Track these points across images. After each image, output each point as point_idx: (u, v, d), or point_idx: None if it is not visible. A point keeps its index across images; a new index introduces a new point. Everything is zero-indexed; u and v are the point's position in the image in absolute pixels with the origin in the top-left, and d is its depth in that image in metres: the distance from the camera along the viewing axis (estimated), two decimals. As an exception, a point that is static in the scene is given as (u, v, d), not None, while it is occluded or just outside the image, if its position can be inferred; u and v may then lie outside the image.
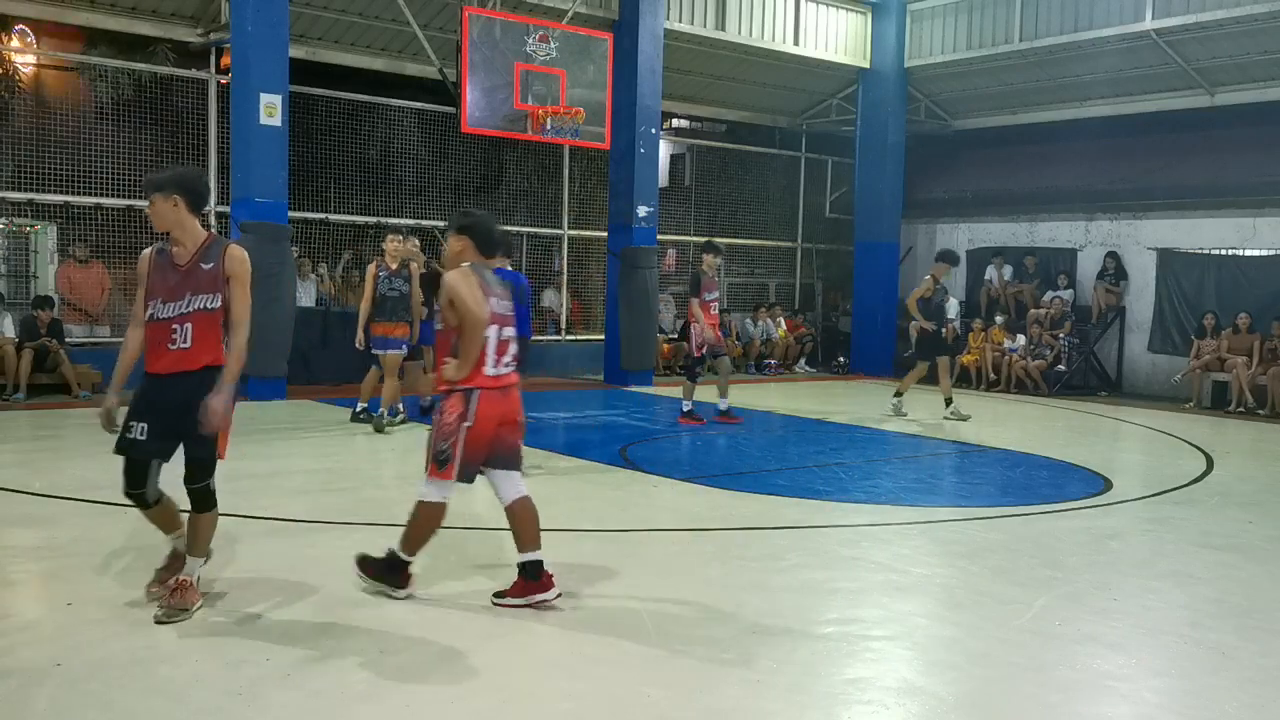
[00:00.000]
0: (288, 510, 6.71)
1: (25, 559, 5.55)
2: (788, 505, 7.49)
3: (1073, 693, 4.18)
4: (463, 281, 4.79)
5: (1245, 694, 4.19)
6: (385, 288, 9.95)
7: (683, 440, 10.72)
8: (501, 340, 4.90)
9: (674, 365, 17.03)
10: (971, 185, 19.10)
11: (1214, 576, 5.92)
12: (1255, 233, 15.38)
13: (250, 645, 4.33)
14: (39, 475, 7.64)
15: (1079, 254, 17.33)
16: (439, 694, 3.95)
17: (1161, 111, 16.49)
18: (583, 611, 4.93)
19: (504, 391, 4.95)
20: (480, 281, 4.86)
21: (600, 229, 16.95)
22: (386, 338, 9.95)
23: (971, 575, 5.79)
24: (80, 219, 13.18)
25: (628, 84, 14.97)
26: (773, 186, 20.13)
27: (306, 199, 14.61)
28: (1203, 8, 14.67)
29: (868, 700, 4.06)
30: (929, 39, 17.99)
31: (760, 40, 16.92)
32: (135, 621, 4.58)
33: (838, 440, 10.91)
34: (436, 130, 15.90)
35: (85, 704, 3.74)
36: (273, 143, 12.14)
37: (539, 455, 9.30)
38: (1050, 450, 10.28)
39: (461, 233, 5.04)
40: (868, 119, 18.39)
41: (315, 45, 14.53)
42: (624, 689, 4.04)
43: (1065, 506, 7.72)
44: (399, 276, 10.02)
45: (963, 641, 4.72)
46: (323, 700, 3.85)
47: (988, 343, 16.46)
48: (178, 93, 13.79)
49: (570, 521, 6.73)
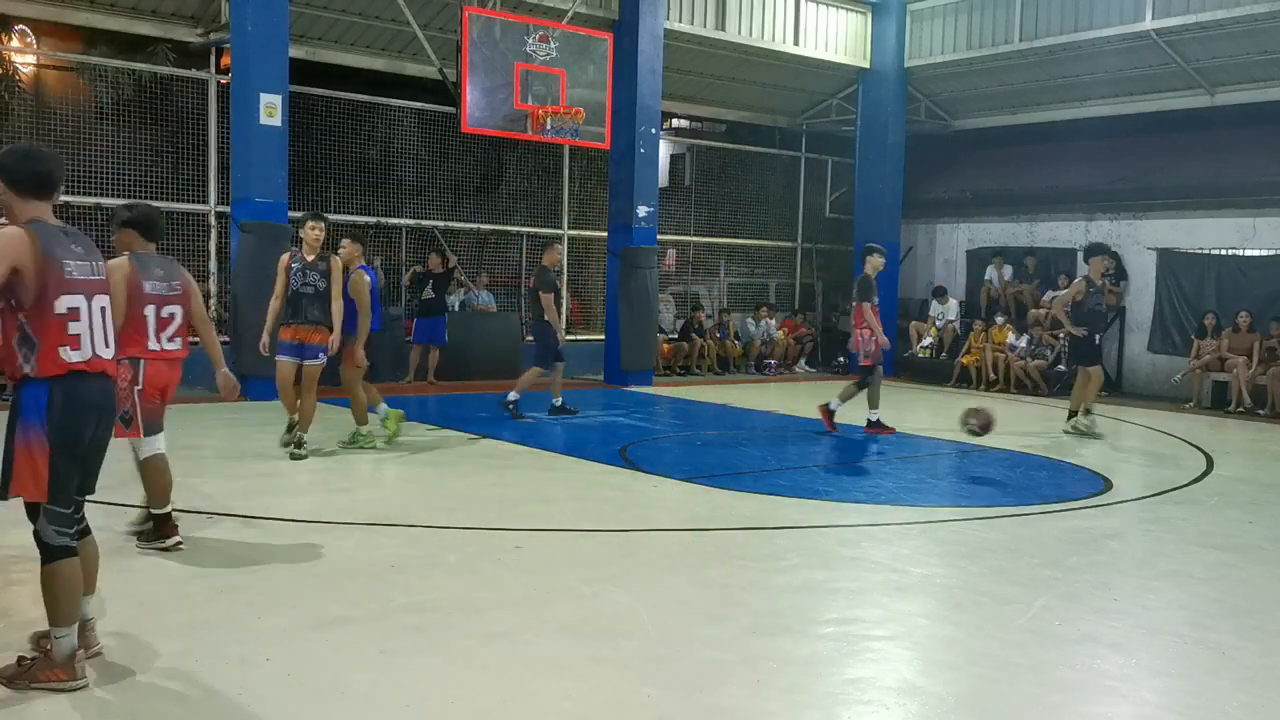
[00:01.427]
0: (288, 510, 6.71)
1: (25, 559, 5.53)
2: (788, 505, 7.48)
3: (1073, 693, 4.18)
4: (116, 269, 5.27)
5: (1245, 694, 4.19)
6: (299, 282, 8.32)
7: (682, 441, 10.72)
8: (162, 317, 5.55)
9: (674, 365, 17.05)
10: (971, 185, 19.10)
11: (1214, 576, 5.92)
12: (1255, 233, 15.37)
13: (250, 645, 4.33)
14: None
15: (1079, 254, 17.31)
16: (439, 694, 3.95)
17: (1161, 111, 16.49)
18: (583, 611, 4.93)
19: (170, 363, 5.65)
20: (136, 267, 5.45)
21: (600, 229, 16.95)
22: (302, 344, 8.33)
23: (971, 575, 5.79)
24: (80, 219, 13.16)
25: (628, 84, 14.97)
26: (773, 186, 20.13)
27: (306, 199, 14.60)
28: (1203, 8, 14.67)
29: (868, 700, 4.06)
30: (929, 39, 17.99)
31: (760, 40, 16.92)
32: (135, 621, 4.58)
33: (837, 440, 10.90)
34: (436, 130, 15.90)
35: (85, 704, 3.74)
36: (273, 143, 12.15)
37: (539, 455, 9.32)
38: (1050, 450, 10.27)
39: (125, 225, 5.54)
40: (868, 119, 18.39)
41: (315, 45, 14.53)
42: (624, 689, 4.04)
43: (1065, 506, 7.72)
44: (315, 270, 8.33)
45: (963, 641, 4.72)
46: (323, 700, 3.85)
47: (988, 343, 16.46)
48: (178, 93, 13.78)
49: (570, 521, 6.73)
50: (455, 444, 9.69)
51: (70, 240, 3.92)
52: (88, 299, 3.89)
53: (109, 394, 4.06)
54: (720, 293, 19.92)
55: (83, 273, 3.90)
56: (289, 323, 8.32)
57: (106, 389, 4.03)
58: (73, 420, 3.86)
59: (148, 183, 13.29)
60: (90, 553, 4.25)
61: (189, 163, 13.65)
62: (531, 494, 7.62)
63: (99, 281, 3.98)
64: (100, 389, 3.98)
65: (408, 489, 7.71)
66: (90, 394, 3.91)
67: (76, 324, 3.84)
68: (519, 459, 9.12)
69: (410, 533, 6.28)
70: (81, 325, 3.86)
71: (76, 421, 3.88)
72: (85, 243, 4.00)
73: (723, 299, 19.73)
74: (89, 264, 3.95)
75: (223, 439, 9.77)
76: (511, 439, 9.97)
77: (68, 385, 3.84)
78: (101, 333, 3.95)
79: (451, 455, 9.10)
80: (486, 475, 8.22)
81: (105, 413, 4.03)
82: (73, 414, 3.86)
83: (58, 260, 3.80)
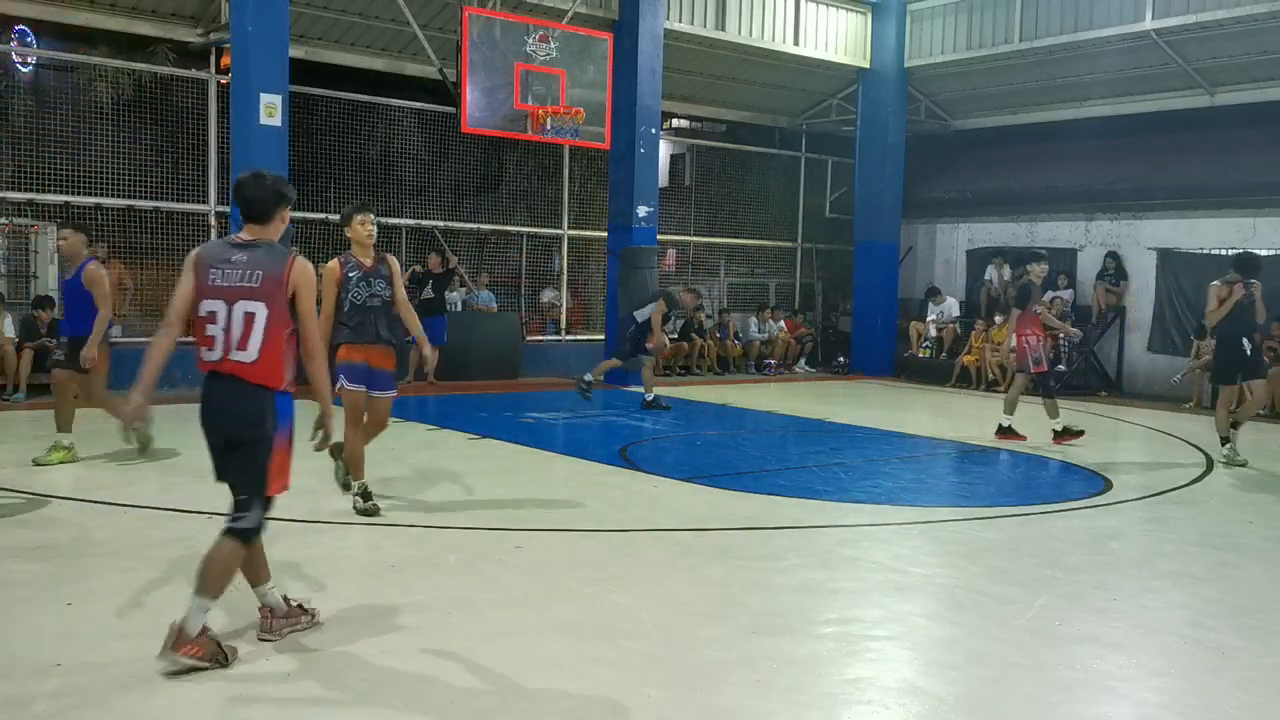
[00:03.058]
0: (288, 510, 6.70)
1: (25, 559, 5.55)
2: (788, 505, 7.48)
3: (1073, 693, 4.18)
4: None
5: (1245, 694, 4.19)
6: (362, 293, 6.67)
7: (682, 440, 10.72)
8: None
9: (674, 365, 17.05)
10: (971, 185, 19.10)
11: (1214, 576, 5.92)
12: (1255, 233, 15.37)
13: (250, 645, 4.33)
14: (39, 475, 7.64)
15: (1079, 254, 17.34)
16: (439, 694, 3.95)
17: (1161, 111, 16.49)
18: (583, 611, 4.93)
19: None
20: None
21: (600, 229, 16.95)
22: (371, 369, 6.73)
23: (971, 575, 5.79)
24: (80, 219, 13.16)
25: (628, 84, 14.98)
26: (773, 186, 20.14)
27: (306, 199, 14.59)
28: (1203, 8, 14.67)
29: (868, 700, 4.06)
30: (929, 39, 17.99)
31: (760, 40, 16.92)
32: (135, 622, 4.58)
33: (837, 440, 10.91)
34: (436, 130, 15.90)
35: (85, 704, 3.75)
36: (273, 143, 12.14)
37: (539, 455, 9.32)
38: (1050, 450, 10.27)
39: None
40: (868, 119, 18.39)
41: (315, 45, 14.53)
42: (624, 689, 4.04)
43: (1065, 506, 7.72)
44: (377, 276, 6.70)
45: (963, 641, 4.72)
46: (323, 700, 3.86)
47: (988, 343, 16.46)
48: (178, 93, 13.78)
49: (570, 521, 6.73)
50: (455, 444, 9.70)
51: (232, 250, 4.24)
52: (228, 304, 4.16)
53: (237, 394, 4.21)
54: (720, 293, 19.92)
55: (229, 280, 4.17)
56: (353, 341, 6.68)
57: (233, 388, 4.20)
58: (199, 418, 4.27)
59: (148, 183, 13.30)
60: None
61: (189, 163, 13.65)
62: (531, 494, 7.62)
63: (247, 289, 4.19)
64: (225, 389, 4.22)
65: (408, 489, 7.70)
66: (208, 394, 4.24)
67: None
68: (519, 459, 9.12)
69: (410, 533, 6.28)
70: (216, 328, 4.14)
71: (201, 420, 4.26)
72: (254, 254, 4.21)
73: (723, 299, 19.73)
74: (236, 270, 4.18)
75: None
76: (511, 439, 9.96)
77: None
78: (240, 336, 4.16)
79: (451, 455, 9.10)
80: (486, 475, 8.22)
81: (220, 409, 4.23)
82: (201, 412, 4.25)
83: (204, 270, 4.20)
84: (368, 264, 6.70)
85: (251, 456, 4.19)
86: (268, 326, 4.15)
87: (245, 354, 4.13)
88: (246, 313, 4.12)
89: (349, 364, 6.67)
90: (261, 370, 4.15)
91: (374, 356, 6.68)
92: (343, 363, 6.65)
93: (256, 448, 4.18)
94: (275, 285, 4.16)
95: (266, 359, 4.15)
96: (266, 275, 4.18)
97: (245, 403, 4.16)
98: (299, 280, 4.23)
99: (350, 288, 6.62)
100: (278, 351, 4.16)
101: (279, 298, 4.17)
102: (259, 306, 4.14)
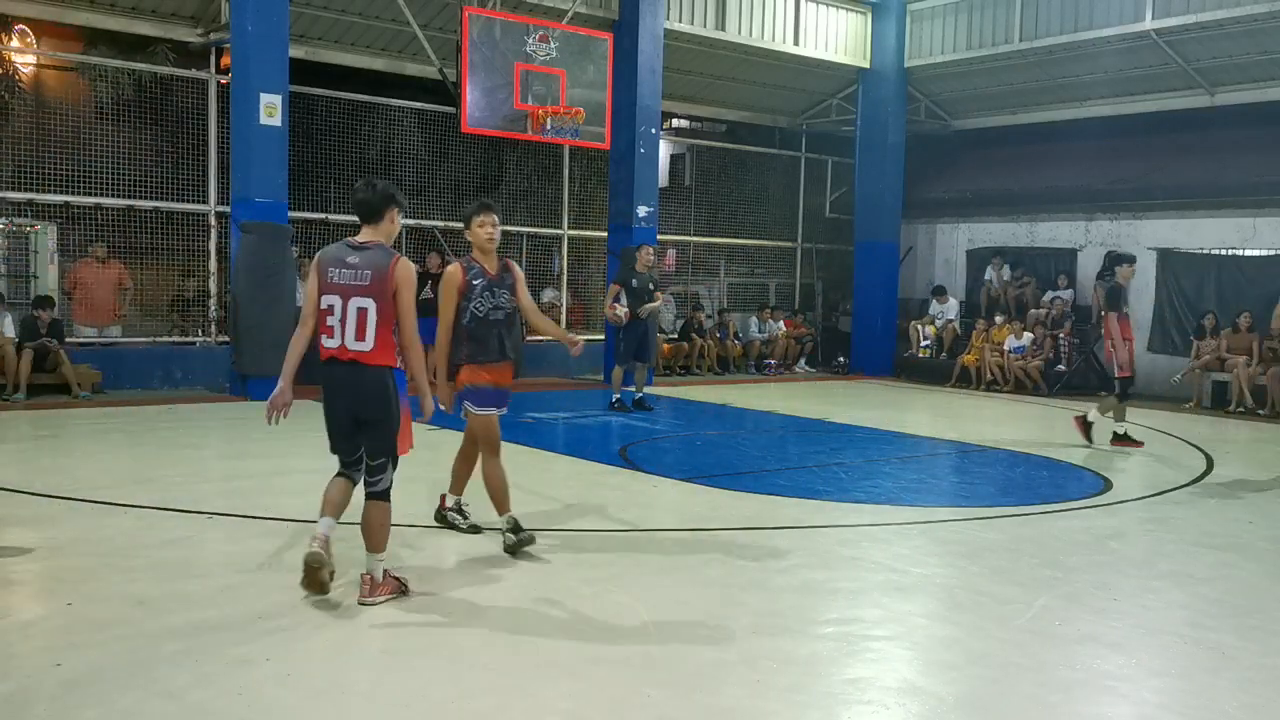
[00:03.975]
0: (288, 510, 6.71)
1: (25, 559, 5.55)
2: (788, 505, 7.48)
3: (1073, 693, 4.18)
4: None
5: (1245, 694, 4.19)
6: (487, 304, 5.91)
7: (682, 440, 10.72)
8: None
9: (674, 365, 17.05)
10: (971, 185, 19.10)
11: (1214, 576, 5.92)
12: (1255, 233, 15.37)
13: (250, 645, 4.33)
14: (39, 475, 7.64)
15: (1079, 254, 17.33)
16: (439, 694, 3.95)
17: (1161, 111, 16.49)
18: (583, 611, 4.93)
19: None
20: None
21: (600, 229, 16.95)
22: (498, 389, 6.05)
23: (971, 575, 5.79)
24: (80, 219, 13.18)
25: (628, 84, 14.98)
26: (773, 186, 20.14)
27: (306, 199, 14.60)
28: (1203, 8, 14.67)
29: (868, 700, 4.06)
30: (929, 39, 17.99)
31: (760, 40, 16.92)
32: (135, 621, 4.58)
33: (837, 440, 10.91)
34: (436, 130, 15.90)
35: (85, 704, 3.74)
36: (273, 143, 12.15)
37: (539, 455, 9.31)
38: (1050, 450, 10.28)
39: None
40: (868, 119, 18.39)
41: (315, 45, 14.53)
42: (624, 689, 4.04)
43: (1065, 506, 7.72)
44: (503, 286, 5.98)
45: (963, 641, 4.72)
46: (323, 700, 3.85)
47: (987, 343, 16.47)
48: (178, 93, 13.78)
49: (570, 521, 6.74)
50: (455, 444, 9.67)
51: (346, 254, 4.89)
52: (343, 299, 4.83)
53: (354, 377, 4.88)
54: (720, 293, 19.92)
55: (344, 279, 4.84)
56: (476, 361, 5.91)
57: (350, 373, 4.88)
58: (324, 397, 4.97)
59: (148, 183, 13.30)
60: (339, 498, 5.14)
61: (189, 163, 13.64)
62: (531, 494, 7.61)
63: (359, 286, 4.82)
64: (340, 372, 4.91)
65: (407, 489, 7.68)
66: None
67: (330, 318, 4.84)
68: (519, 459, 9.10)
69: (409, 533, 6.28)
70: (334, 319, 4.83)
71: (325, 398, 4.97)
72: (365, 255, 4.87)
73: (723, 299, 19.73)
74: (351, 271, 4.84)
75: (223, 439, 9.78)
76: (511, 439, 9.93)
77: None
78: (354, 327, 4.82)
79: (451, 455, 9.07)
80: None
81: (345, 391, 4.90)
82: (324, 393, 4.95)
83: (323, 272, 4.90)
84: (492, 271, 5.95)
85: (381, 429, 4.92)
86: (378, 319, 4.80)
87: (363, 344, 4.80)
88: (359, 308, 4.78)
89: (476, 387, 5.94)
90: (378, 355, 4.83)
91: (500, 375, 6.03)
92: (468, 386, 5.95)
93: (385, 422, 4.91)
94: (382, 283, 4.79)
95: (381, 346, 4.83)
96: (374, 274, 4.79)
97: (370, 386, 4.85)
98: (400, 279, 4.83)
99: (474, 297, 5.89)
100: (389, 339, 4.84)
101: (386, 294, 4.79)
102: (369, 302, 4.78)
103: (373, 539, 4.95)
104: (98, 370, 12.26)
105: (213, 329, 13.67)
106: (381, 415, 4.89)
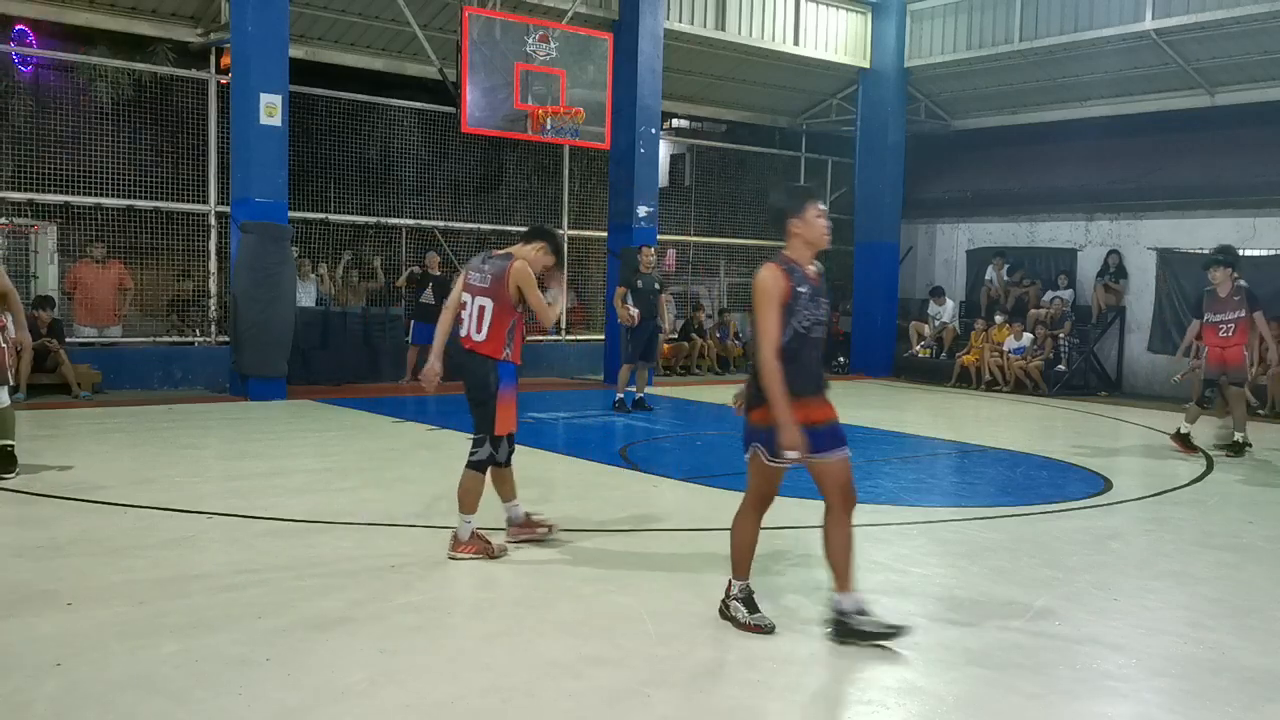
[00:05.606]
0: (288, 510, 6.71)
1: (25, 559, 5.55)
2: (788, 505, 7.42)
3: (1073, 693, 4.18)
4: None
5: (1245, 694, 4.19)
6: (809, 319, 4.73)
7: (682, 440, 10.71)
8: None
9: (674, 365, 17.05)
10: (971, 185, 19.10)
11: (1214, 576, 5.92)
12: (1255, 233, 15.37)
13: (250, 645, 4.33)
14: (39, 475, 7.64)
15: (1079, 254, 17.33)
16: (439, 694, 3.95)
17: (1161, 111, 16.50)
18: (583, 611, 4.93)
19: None
20: None
21: (600, 229, 16.95)
22: (814, 426, 4.71)
23: (971, 575, 5.79)
24: (80, 219, 13.18)
25: (628, 84, 14.98)
26: (773, 186, 20.12)
27: (306, 199, 14.60)
28: (1203, 8, 14.67)
29: (868, 700, 4.06)
30: (929, 39, 17.99)
31: (760, 40, 16.92)
32: (135, 622, 4.58)
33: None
34: (436, 130, 15.90)
35: (85, 704, 3.74)
36: (273, 143, 12.15)
37: (539, 455, 9.31)
38: (1050, 450, 10.27)
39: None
40: (868, 119, 18.39)
41: (315, 45, 14.53)
42: (624, 689, 4.04)
43: (1065, 506, 7.72)
44: (826, 297, 4.95)
45: (963, 641, 4.71)
46: (323, 700, 3.85)
47: (987, 343, 16.47)
48: (178, 93, 13.79)
49: (570, 521, 6.73)
50: (455, 444, 9.68)
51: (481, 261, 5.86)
52: (473, 298, 5.76)
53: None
54: (720, 293, 19.92)
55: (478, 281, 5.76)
56: (800, 395, 4.59)
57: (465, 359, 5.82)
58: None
59: (148, 183, 13.31)
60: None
61: (189, 163, 13.65)
62: (531, 494, 7.61)
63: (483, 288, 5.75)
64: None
65: (408, 489, 7.70)
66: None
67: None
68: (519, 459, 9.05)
69: (410, 533, 6.28)
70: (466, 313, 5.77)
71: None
72: (494, 262, 5.77)
73: (723, 299, 19.73)
74: (480, 275, 5.77)
75: (223, 439, 9.78)
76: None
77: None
78: (474, 321, 5.75)
79: (451, 456, 9.07)
80: (486, 475, 8.18)
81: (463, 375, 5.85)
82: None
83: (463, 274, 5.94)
84: (814, 276, 4.79)
85: (482, 410, 5.76)
86: (493, 317, 5.69)
87: (480, 335, 5.71)
88: (480, 306, 5.71)
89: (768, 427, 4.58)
90: (488, 346, 5.70)
91: (813, 411, 4.66)
92: (761, 426, 4.67)
93: (487, 402, 5.72)
94: (499, 286, 5.68)
95: (492, 339, 5.71)
96: (494, 279, 5.71)
97: (478, 370, 5.73)
98: (518, 280, 5.66)
99: (798, 309, 4.61)
100: (501, 334, 5.69)
101: (502, 295, 5.66)
102: (488, 302, 5.69)
103: (462, 501, 5.73)
104: (98, 370, 12.27)
105: (213, 329, 13.68)
106: (483, 398, 5.70)
